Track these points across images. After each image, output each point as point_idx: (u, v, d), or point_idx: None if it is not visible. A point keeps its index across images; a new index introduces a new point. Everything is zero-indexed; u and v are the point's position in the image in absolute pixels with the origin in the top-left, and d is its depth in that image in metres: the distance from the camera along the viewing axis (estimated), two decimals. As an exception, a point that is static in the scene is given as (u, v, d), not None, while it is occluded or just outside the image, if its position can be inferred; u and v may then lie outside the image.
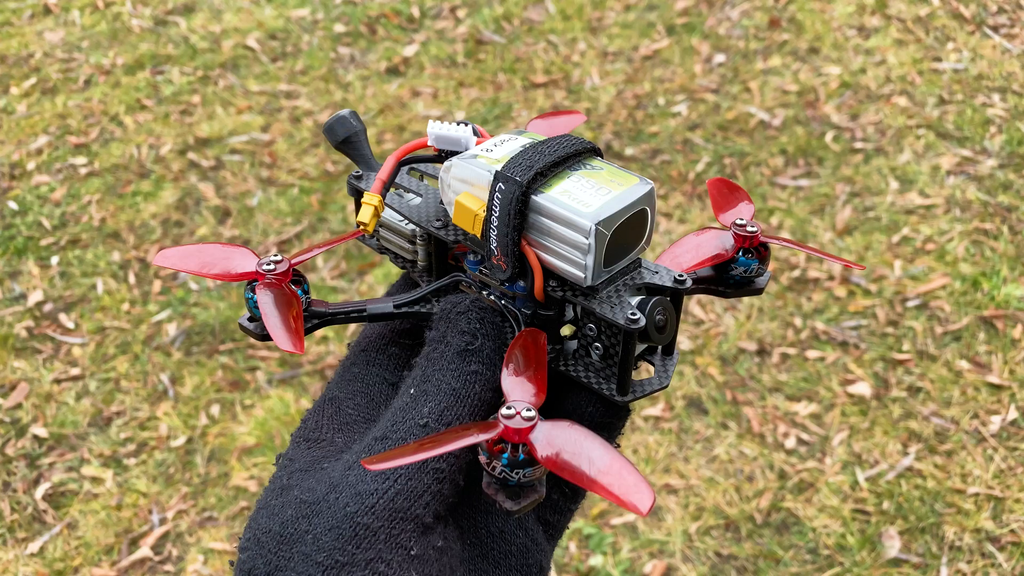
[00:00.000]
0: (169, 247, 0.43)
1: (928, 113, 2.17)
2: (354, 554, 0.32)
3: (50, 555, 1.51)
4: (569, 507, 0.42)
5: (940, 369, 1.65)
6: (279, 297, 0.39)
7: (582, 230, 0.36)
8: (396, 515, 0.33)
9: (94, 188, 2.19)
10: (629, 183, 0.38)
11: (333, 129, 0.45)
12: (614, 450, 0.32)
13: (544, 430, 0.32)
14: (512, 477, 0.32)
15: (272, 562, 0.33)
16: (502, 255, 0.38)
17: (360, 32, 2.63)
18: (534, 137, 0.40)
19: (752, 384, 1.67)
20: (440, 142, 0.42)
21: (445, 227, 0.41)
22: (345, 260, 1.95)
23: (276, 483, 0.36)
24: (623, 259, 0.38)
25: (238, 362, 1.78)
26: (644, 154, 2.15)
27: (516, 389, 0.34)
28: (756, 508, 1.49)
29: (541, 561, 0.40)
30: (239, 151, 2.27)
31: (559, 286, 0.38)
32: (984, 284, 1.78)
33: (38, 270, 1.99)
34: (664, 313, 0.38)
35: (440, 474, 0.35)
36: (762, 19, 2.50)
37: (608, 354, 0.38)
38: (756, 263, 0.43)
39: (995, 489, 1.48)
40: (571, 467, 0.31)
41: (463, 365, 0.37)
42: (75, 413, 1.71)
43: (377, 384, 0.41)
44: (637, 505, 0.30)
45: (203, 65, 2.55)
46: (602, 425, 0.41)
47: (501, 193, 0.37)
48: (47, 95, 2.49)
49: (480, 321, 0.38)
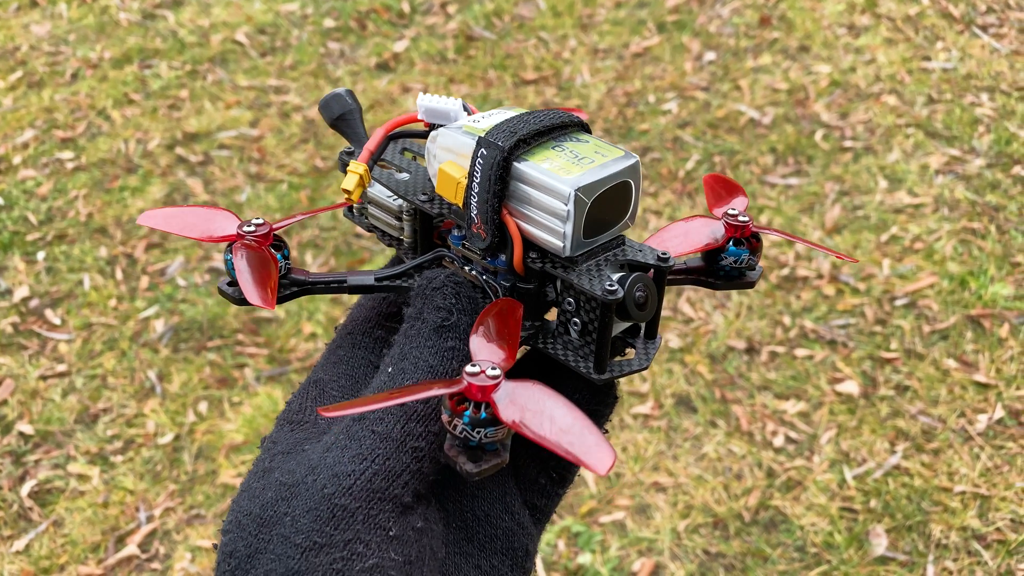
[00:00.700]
0: (151, 209, 0.44)
1: (917, 112, 2.18)
2: (332, 535, 0.32)
3: (36, 553, 1.50)
4: (557, 491, 0.42)
5: (927, 368, 1.66)
6: (255, 257, 0.39)
7: (561, 196, 0.36)
8: (374, 495, 0.33)
9: (81, 183, 2.18)
10: (613, 155, 0.37)
11: (329, 106, 0.45)
12: (577, 410, 0.32)
13: (508, 389, 0.32)
14: (473, 436, 0.32)
15: (252, 544, 0.33)
16: (482, 223, 0.38)
17: (350, 27, 2.62)
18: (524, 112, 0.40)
19: (741, 382, 1.67)
20: (430, 115, 0.42)
21: (431, 200, 0.41)
22: (335, 257, 1.94)
23: (259, 465, 0.36)
24: (605, 233, 0.38)
25: (226, 359, 1.77)
26: (634, 151, 2.15)
27: (483, 350, 0.34)
28: (744, 506, 1.49)
29: (527, 545, 0.40)
30: (228, 146, 2.26)
31: (539, 257, 0.38)
32: (972, 283, 1.79)
33: (24, 265, 1.98)
34: (645, 290, 0.37)
35: (419, 452, 0.34)
36: (753, 17, 2.50)
37: (586, 330, 0.38)
38: (747, 254, 0.43)
39: (981, 487, 1.49)
40: (532, 427, 0.31)
41: (440, 342, 0.37)
42: (61, 410, 1.70)
43: (362, 366, 0.41)
44: (596, 465, 0.30)
45: (191, 59, 2.53)
46: (589, 413, 0.41)
47: (483, 158, 0.37)
48: (33, 88, 2.47)
49: (456, 296, 0.38)
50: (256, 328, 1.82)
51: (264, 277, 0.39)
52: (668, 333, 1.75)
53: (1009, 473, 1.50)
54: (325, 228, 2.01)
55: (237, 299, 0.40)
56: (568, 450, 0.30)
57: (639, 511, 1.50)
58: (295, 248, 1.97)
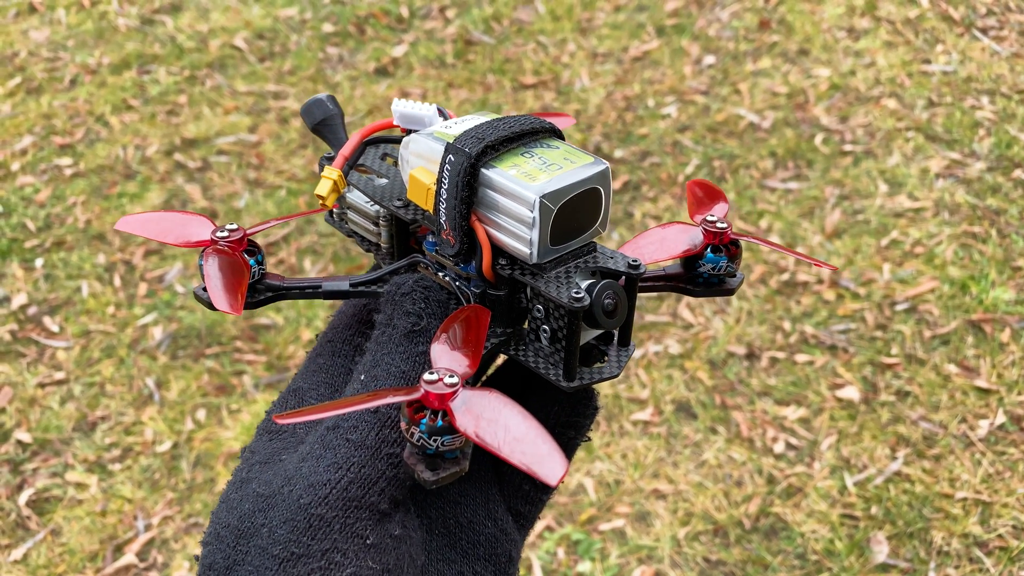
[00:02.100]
0: (131, 215, 0.44)
1: (917, 115, 2.18)
2: (309, 545, 0.32)
3: (34, 562, 1.50)
4: (540, 497, 0.42)
5: (928, 373, 1.65)
6: (226, 262, 0.39)
7: (527, 203, 0.35)
8: (350, 504, 0.33)
9: (79, 189, 2.17)
10: (583, 161, 0.37)
11: (310, 111, 0.45)
12: (533, 419, 0.31)
13: (465, 397, 0.32)
14: (430, 445, 0.32)
15: (230, 556, 0.33)
16: (451, 229, 0.38)
17: (348, 32, 2.61)
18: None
19: (741, 388, 1.66)
20: (404, 120, 0.42)
21: (406, 206, 0.41)
22: (334, 263, 1.94)
23: (237, 476, 0.37)
24: (574, 240, 0.38)
25: (224, 366, 1.76)
26: (633, 156, 2.14)
27: (444, 357, 0.34)
28: (745, 513, 1.49)
29: (510, 551, 0.40)
30: (226, 152, 2.25)
31: (508, 264, 0.38)
32: (972, 288, 1.78)
33: (22, 272, 1.97)
34: (614, 297, 0.37)
35: (395, 459, 0.34)
36: (752, 20, 2.50)
37: (556, 337, 0.38)
38: (725, 260, 0.42)
39: (983, 494, 1.48)
40: (486, 436, 0.31)
41: (411, 347, 0.37)
42: (59, 418, 1.69)
43: (341, 375, 0.41)
44: (546, 475, 0.29)
45: (190, 65, 2.53)
46: (568, 424, 0.41)
47: (450, 165, 0.37)
48: (32, 95, 2.47)
49: (425, 300, 0.38)
50: (255, 335, 1.81)
51: (234, 283, 0.39)
52: (668, 339, 1.74)
53: (1011, 479, 1.50)
54: (324, 234, 2.01)
55: (210, 303, 0.39)
56: (520, 460, 0.30)
57: (639, 518, 1.49)
58: (293, 254, 1.97)
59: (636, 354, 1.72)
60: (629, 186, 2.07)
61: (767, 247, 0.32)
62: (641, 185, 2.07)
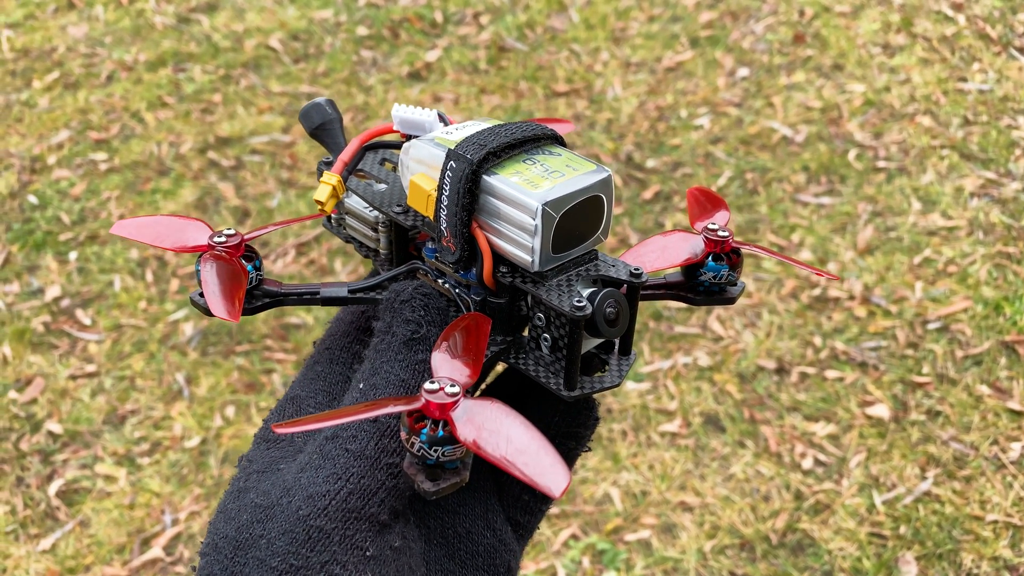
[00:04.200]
0: (127, 219, 0.44)
1: (952, 134, 2.16)
2: (308, 557, 0.32)
3: (62, 553, 1.51)
4: (539, 507, 0.41)
5: (960, 393, 1.64)
6: (223, 268, 0.39)
7: (529, 210, 0.35)
8: (350, 515, 0.33)
9: (114, 184, 2.19)
10: (585, 169, 0.37)
11: (309, 115, 0.45)
12: (535, 430, 0.31)
13: (466, 407, 0.31)
14: (431, 455, 0.31)
15: (228, 567, 0.33)
16: (451, 235, 0.37)
17: (383, 35, 2.63)
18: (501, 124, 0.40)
19: (770, 403, 1.65)
20: (404, 126, 0.42)
21: (405, 212, 0.41)
22: (363, 266, 1.94)
23: (235, 485, 0.36)
24: (576, 248, 0.37)
25: (254, 364, 1.77)
26: (665, 166, 2.14)
27: (445, 366, 0.34)
28: (772, 528, 1.48)
29: (509, 562, 0.40)
30: (260, 151, 2.27)
31: (509, 271, 0.38)
32: (1006, 308, 1.76)
33: (56, 265, 2.00)
34: (616, 306, 0.37)
35: (394, 469, 0.34)
36: (787, 34, 2.49)
37: (557, 346, 0.38)
38: (726, 269, 0.42)
39: (1014, 517, 1.47)
40: (488, 447, 0.30)
41: (410, 355, 0.36)
42: (90, 410, 1.71)
43: (339, 382, 0.41)
44: (549, 487, 0.29)
45: (225, 64, 2.55)
46: (568, 434, 0.41)
47: (452, 171, 0.36)
48: (69, 90, 2.50)
49: (424, 308, 0.38)
50: (284, 334, 1.82)
51: (231, 289, 0.38)
52: (697, 351, 1.74)
53: (1043, 503, 1.48)
54: (354, 236, 2.02)
55: (207, 309, 0.39)
56: (522, 471, 0.30)
57: (665, 530, 1.49)
58: (324, 255, 1.98)
59: (664, 365, 1.72)
60: (660, 196, 2.07)
61: (765, 255, 0.32)
62: (673, 196, 2.07)
